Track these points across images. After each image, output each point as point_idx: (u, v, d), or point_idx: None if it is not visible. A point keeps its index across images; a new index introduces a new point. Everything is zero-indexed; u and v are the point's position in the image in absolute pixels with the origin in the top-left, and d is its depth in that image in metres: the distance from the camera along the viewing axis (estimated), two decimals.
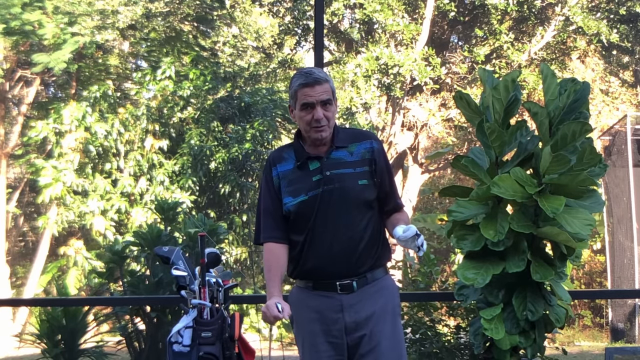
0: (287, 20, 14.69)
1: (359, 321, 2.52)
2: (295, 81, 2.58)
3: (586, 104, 3.14)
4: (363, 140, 2.65)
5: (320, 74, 2.58)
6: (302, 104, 2.55)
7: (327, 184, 2.54)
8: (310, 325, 2.56)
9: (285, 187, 2.59)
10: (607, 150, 11.75)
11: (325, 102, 2.55)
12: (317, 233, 2.54)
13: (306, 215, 2.54)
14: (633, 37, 13.80)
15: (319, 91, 2.53)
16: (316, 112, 2.53)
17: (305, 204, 2.54)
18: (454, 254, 11.33)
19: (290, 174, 2.60)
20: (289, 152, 2.65)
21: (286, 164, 2.62)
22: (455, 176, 15.90)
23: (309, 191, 2.55)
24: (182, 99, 13.05)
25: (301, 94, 2.54)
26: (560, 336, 10.11)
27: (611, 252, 11.65)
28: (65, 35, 12.87)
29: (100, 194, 12.12)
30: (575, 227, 2.89)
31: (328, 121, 2.55)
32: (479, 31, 13.77)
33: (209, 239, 3.63)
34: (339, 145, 2.60)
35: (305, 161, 2.59)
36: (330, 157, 2.58)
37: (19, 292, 14.19)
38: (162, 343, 6.34)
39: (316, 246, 2.54)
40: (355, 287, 2.54)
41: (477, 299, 3.27)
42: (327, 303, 2.54)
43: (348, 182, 2.55)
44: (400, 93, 13.31)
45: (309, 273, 2.58)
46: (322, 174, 2.56)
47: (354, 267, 2.54)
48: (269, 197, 2.62)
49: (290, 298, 2.63)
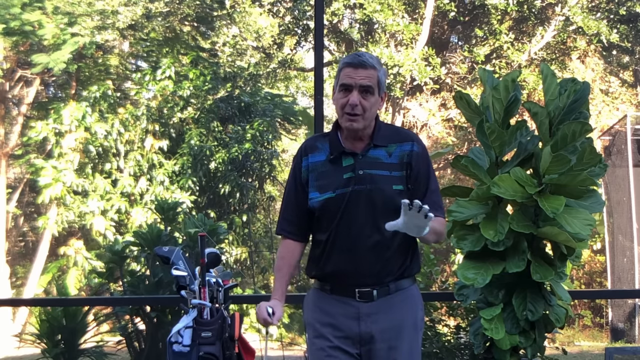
0: (287, 20, 14.69)
1: (376, 332, 2.34)
2: (343, 60, 2.39)
3: (586, 104, 3.14)
4: (404, 141, 2.42)
5: (371, 59, 2.36)
6: (341, 85, 2.35)
7: (357, 184, 2.34)
8: (322, 329, 2.39)
9: (314, 181, 2.41)
10: (607, 150, 11.75)
11: (365, 89, 2.33)
12: (340, 234, 2.35)
13: (331, 214, 2.36)
14: (633, 37, 13.80)
15: (362, 75, 2.32)
16: (352, 97, 2.32)
17: (331, 201, 2.36)
18: (454, 254, 11.31)
19: (321, 166, 2.41)
20: (324, 142, 2.45)
21: (319, 154, 2.43)
22: (455, 176, 15.87)
23: (337, 188, 2.36)
24: (182, 99, 13.04)
25: (343, 74, 2.35)
26: (560, 336, 10.10)
27: (611, 252, 11.64)
28: (65, 36, 12.86)
29: (100, 194, 12.12)
30: (575, 227, 2.89)
31: (364, 111, 2.33)
32: (479, 31, 13.77)
33: (209, 239, 3.64)
34: (378, 144, 2.39)
35: (339, 155, 2.39)
36: (366, 155, 2.38)
37: (19, 292, 14.18)
38: (162, 343, 6.35)
39: (339, 248, 2.36)
40: (376, 295, 2.36)
41: (477, 299, 3.26)
42: (343, 309, 2.37)
43: (381, 185, 2.35)
44: (400, 93, 13.32)
45: (328, 275, 2.41)
46: (354, 172, 2.36)
47: (378, 275, 2.36)
48: (294, 188, 2.46)
49: (306, 299, 2.51)
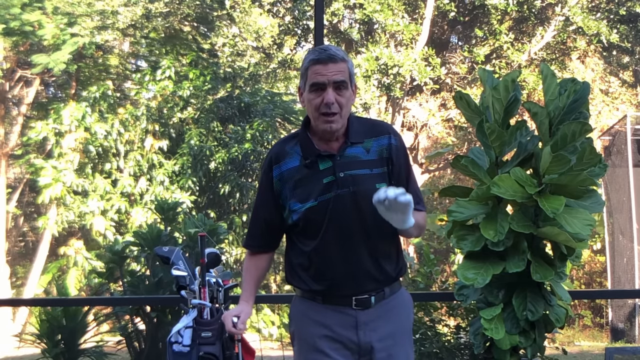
0: (287, 20, 14.70)
1: (375, 341, 2.21)
2: (307, 57, 2.19)
3: (586, 104, 3.14)
4: (380, 135, 2.28)
5: (338, 51, 2.19)
6: (312, 84, 2.17)
7: (340, 188, 2.18)
8: (317, 342, 2.22)
9: (292, 190, 2.22)
10: (607, 150, 11.74)
11: (339, 84, 2.17)
12: (329, 243, 2.19)
13: (316, 223, 2.19)
14: (633, 37, 13.80)
15: (333, 70, 2.15)
16: (327, 95, 2.15)
17: (314, 210, 2.18)
18: (454, 254, 11.32)
19: (296, 173, 2.22)
20: (294, 146, 2.26)
21: (290, 160, 2.24)
22: (455, 176, 15.89)
23: (319, 196, 2.18)
24: (182, 99, 13.05)
25: (312, 72, 2.17)
26: (560, 336, 10.09)
27: (611, 252, 11.64)
28: (65, 36, 12.86)
29: (100, 194, 12.13)
30: (575, 227, 2.89)
31: (340, 109, 2.18)
32: (478, 31, 13.78)
33: (209, 239, 3.64)
34: (354, 141, 2.24)
35: (314, 159, 2.21)
36: (344, 155, 2.21)
37: (19, 292, 14.18)
38: (162, 343, 6.35)
39: (328, 257, 2.20)
40: (374, 302, 2.22)
41: (477, 299, 3.26)
42: (338, 319, 2.22)
43: (365, 186, 2.18)
44: (400, 93, 13.31)
45: (319, 286, 2.24)
46: (334, 175, 2.19)
47: (373, 281, 2.23)
48: (263, 199, 2.30)
49: (292, 310, 2.35)
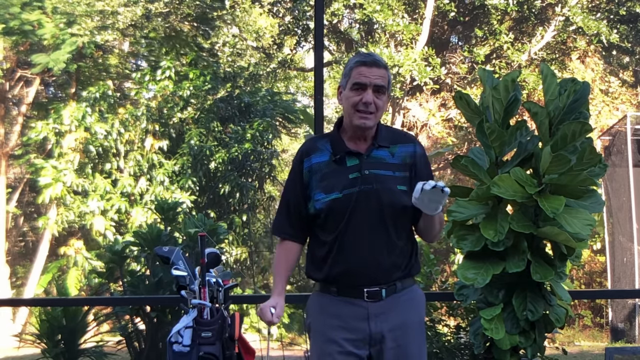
0: (287, 20, 14.71)
1: (385, 332, 2.34)
2: (353, 59, 2.40)
3: (586, 104, 3.14)
4: (406, 142, 2.46)
5: (381, 59, 2.41)
6: (354, 83, 2.36)
7: (364, 184, 2.34)
8: (330, 332, 2.36)
9: (318, 182, 2.39)
10: (607, 150, 11.75)
11: (378, 88, 2.36)
12: (348, 235, 2.34)
13: (338, 215, 2.35)
14: (633, 38, 13.82)
15: (376, 74, 2.35)
16: (366, 95, 2.34)
17: (338, 202, 2.34)
18: (454, 254, 11.31)
19: (325, 167, 2.40)
20: (325, 143, 2.45)
21: (321, 155, 2.42)
22: (455, 176, 15.88)
23: (344, 189, 2.34)
24: (182, 99, 13.04)
25: (356, 72, 2.36)
26: (560, 336, 10.10)
27: (611, 252, 11.64)
28: (64, 36, 12.86)
29: (100, 194, 12.12)
30: (575, 227, 2.89)
31: (377, 110, 2.36)
32: (479, 31, 13.78)
33: (209, 239, 3.64)
34: (381, 145, 2.41)
35: (343, 156, 2.39)
36: (370, 155, 2.39)
37: (19, 292, 14.18)
38: (162, 343, 6.34)
39: (346, 249, 2.35)
40: (384, 295, 2.36)
41: (477, 299, 3.26)
42: (351, 310, 2.36)
43: (387, 185, 2.35)
44: (400, 93, 13.32)
45: (335, 277, 2.38)
46: (360, 172, 2.36)
47: (385, 274, 2.36)
48: (293, 190, 2.45)
49: (309, 304, 2.48)
